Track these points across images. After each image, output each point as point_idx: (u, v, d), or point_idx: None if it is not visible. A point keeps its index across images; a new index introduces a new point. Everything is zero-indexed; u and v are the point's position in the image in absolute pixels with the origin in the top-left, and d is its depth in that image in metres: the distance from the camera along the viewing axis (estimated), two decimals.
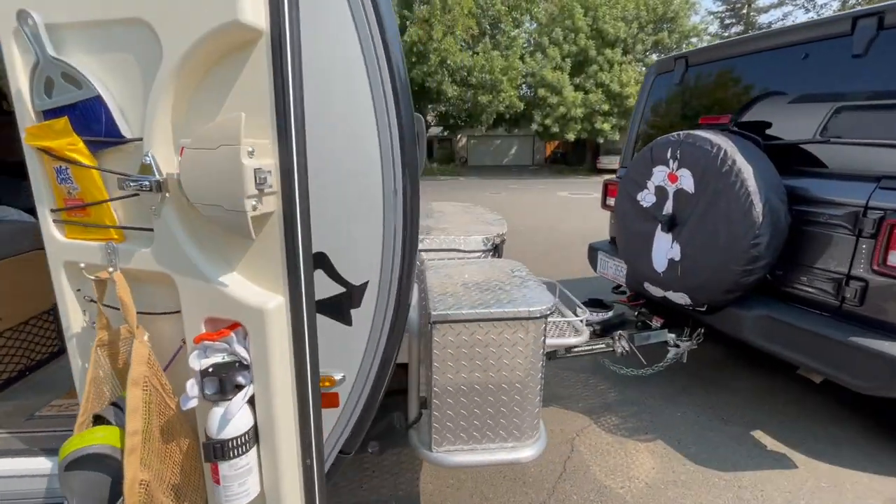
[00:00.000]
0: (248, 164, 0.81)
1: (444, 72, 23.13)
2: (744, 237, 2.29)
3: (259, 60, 0.84)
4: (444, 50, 22.32)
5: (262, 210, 0.87)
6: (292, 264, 0.92)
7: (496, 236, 2.13)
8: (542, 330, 1.51)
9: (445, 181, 22.46)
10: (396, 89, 1.20)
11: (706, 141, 2.45)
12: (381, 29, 1.16)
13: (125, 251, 0.99)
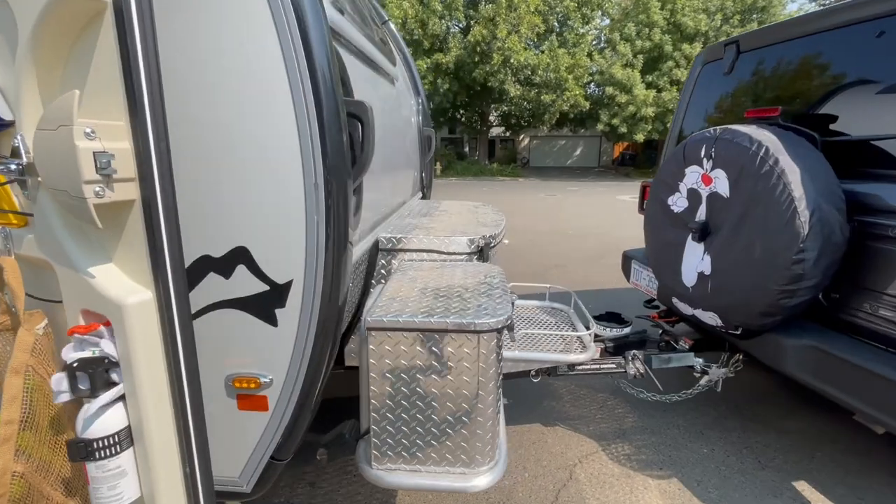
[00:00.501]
0: (83, 145, 0.74)
1: (507, 71, 22.75)
2: (784, 251, 1.92)
3: (106, 35, 0.77)
4: (508, 49, 21.95)
5: (112, 197, 0.80)
6: (156, 257, 0.85)
7: (480, 238, 1.96)
8: (493, 345, 1.33)
9: (502, 182, 22.13)
10: (317, 83, 1.09)
11: (745, 137, 2.10)
12: (299, 21, 1.06)
13: (19, 236, 0.98)
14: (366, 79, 1.77)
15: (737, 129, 2.16)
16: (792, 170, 1.93)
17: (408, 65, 3.38)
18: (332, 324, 1.28)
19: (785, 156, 1.97)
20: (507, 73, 22.83)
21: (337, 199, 1.19)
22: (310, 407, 1.35)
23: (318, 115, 1.11)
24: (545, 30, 23.86)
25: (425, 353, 1.33)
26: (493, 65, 22.18)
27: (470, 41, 22.54)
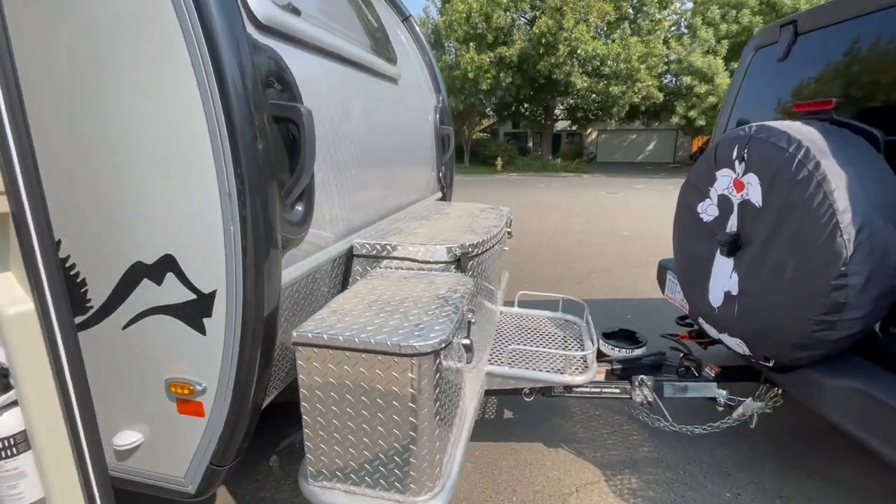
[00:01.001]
0: None
1: (574, 62, 21.80)
2: (821, 274, 1.60)
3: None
4: (575, 39, 21.02)
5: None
6: (32, 267, 0.86)
7: (458, 247, 1.83)
8: (426, 369, 1.22)
9: (563, 178, 21.32)
10: (225, 90, 1.05)
11: (782, 136, 1.77)
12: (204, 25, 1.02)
13: None
14: (338, 79, 1.71)
15: (774, 127, 1.84)
16: (836, 175, 1.59)
17: (429, 64, 3.29)
18: (260, 334, 1.25)
19: (829, 159, 1.63)
20: (574, 64, 21.88)
21: (254, 208, 1.14)
22: (245, 416, 1.33)
23: (227, 122, 1.07)
24: (617, 17, 22.52)
25: (353, 374, 1.25)
26: (558, 56, 21.37)
27: (535, 32, 21.90)
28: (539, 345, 2.40)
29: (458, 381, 1.57)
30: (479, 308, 1.99)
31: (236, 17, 1.07)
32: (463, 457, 1.56)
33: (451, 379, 1.43)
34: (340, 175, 1.73)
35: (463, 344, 1.48)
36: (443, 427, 1.40)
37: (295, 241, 1.43)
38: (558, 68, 21.86)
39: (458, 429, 1.60)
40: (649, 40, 21.91)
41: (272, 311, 1.27)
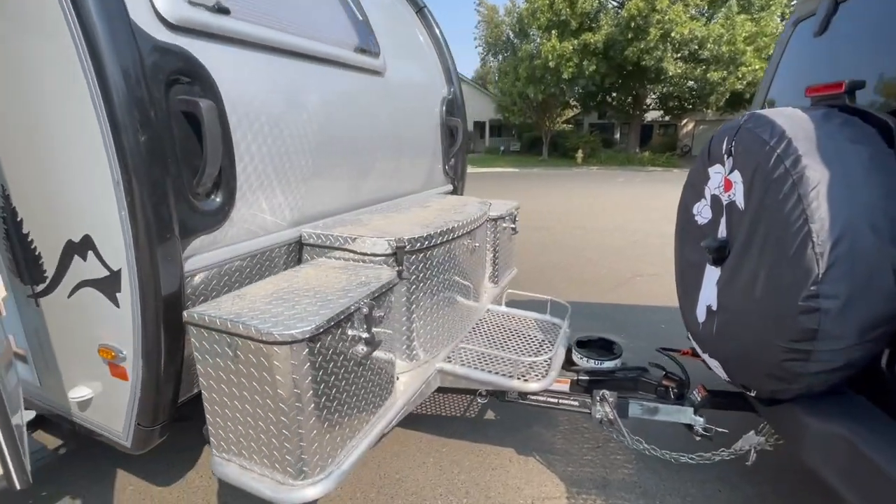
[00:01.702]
0: None
1: (667, 47, 19.98)
2: (789, 293, 1.34)
3: None
4: (669, 21, 19.24)
5: None
6: None
7: (395, 241, 1.80)
8: (292, 358, 1.24)
9: (649, 173, 19.78)
10: (106, 86, 1.15)
11: (767, 126, 1.50)
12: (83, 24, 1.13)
13: None
14: (280, 72, 1.77)
15: (763, 115, 1.56)
16: (817, 175, 1.32)
17: (442, 54, 3.26)
18: (161, 311, 1.36)
19: (814, 154, 1.35)
20: (667, 49, 20.08)
21: (141, 196, 1.24)
22: (159, 383, 1.46)
23: (110, 118, 1.18)
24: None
25: (232, 356, 1.31)
26: (648, 41, 19.74)
27: (624, 16, 20.41)
28: (508, 347, 2.30)
29: (367, 374, 1.57)
30: (419, 302, 1.96)
31: (118, 23, 1.16)
32: (365, 449, 1.56)
33: (344, 370, 1.44)
34: (285, 166, 1.80)
35: (362, 337, 1.47)
36: (334, 417, 1.42)
37: (214, 227, 1.52)
38: (648, 54, 20.20)
39: (366, 421, 1.60)
40: (761, 17, 19.34)
41: (174, 291, 1.38)
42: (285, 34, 1.78)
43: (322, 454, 1.39)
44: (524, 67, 24.07)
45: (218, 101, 1.46)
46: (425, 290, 1.99)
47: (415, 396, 1.92)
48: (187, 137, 1.38)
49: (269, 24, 1.72)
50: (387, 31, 2.65)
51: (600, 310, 4.43)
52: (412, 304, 1.94)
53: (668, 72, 20.65)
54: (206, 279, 1.56)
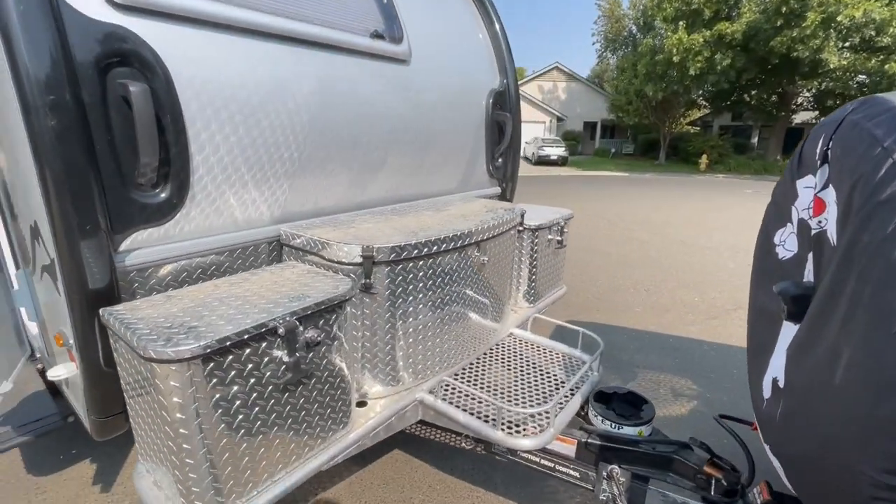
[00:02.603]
0: None
1: (830, 34, 16.65)
2: (889, 390, 0.81)
3: None
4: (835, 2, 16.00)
5: None
6: None
7: (364, 250, 1.54)
8: (176, 378, 1.07)
9: None
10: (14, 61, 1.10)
11: (885, 116, 0.95)
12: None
13: None
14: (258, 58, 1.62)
15: (881, 100, 1.01)
16: None
17: (496, 38, 2.92)
18: (87, 303, 1.30)
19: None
20: (828, 36, 16.78)
21: (56, 185, 1.17)
22: (96, 378, 1.41)
23: (20, 99, 1.11)
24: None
25: (132, 363, 1.19)
26: (804, 28, 16.68)
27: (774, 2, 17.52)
28: (516, 384, 1.92)
29: (300, 401, 1.36)
30: (399, 320, 1.69)
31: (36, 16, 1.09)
32: (292, 484, 1.35)
33: (258, 395, 1.24)
34: (262, 159, 1.67)
35: (284, 361, 1.26)
36: (242, 447, 1.23)
37: (161, 221, 1.43)
38: (802, 43, 17.09)
39: (296, 454, 1.38)
40: None
41: (105, 284, 1.31)
42: (271, 16, 1.64)
43: (225, 487, 1.21)
44: (643, 63, 22.05)
45: (164, 86, 1.35)
46: (407, 307, 1.72)
47: (380, 428, 1.66)
48: (129, 125, 1.30)
49: (251, 5, 1.58)
50: (422, 16, 2.41)
51: (680, 344, 3.69)
52: (388, 323, 1.69)
53: (830, 64, 17.26)
54: (173, 272, 1.49)
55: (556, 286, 2.98)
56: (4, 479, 2.22)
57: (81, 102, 1.19)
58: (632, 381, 3.12)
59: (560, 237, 2.76)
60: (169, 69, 1.37)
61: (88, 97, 1.21)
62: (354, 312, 1.65)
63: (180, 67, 1.40)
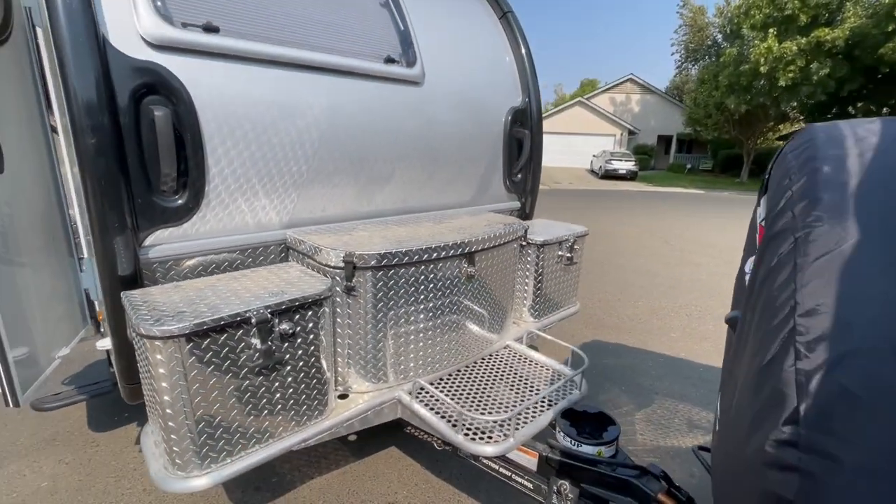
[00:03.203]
0: None
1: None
2: (752, 427, 0.82)
3: None
4: None
5: None
6: None
7: (345, 255, 1.70)
8: (161, 352, 1.30)
9: None
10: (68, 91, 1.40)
11: (802, 145, 0.96)
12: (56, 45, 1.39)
13: None
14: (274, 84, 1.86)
15: (811, 129, 1.00)
16: (833, 236, 0.77)
17: (521, 60, 3.02)
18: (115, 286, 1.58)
19: (847, 200, 0.80)
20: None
21: (93, 189, 1.46)
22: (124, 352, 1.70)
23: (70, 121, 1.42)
24: None
25: (136, 339, 1.44)
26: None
27: (884, 2, 15.70)
28: (496, 393, 1.98)
29: (274, 386, 1.54)
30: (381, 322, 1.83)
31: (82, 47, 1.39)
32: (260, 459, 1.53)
33: (233, 376, 1.44)
34: (272, 171, 1.90)
35: (258, 348, 1.45)
36: (217, 420, 1.43)
37: (179, 221, 1.70)
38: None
39: (268, 433, 1.57)
40: None
41: (130, 272, 1.59)
42: (285, 48, 1.87)
43: (200, 453, 1.42)
44: (725, 74, 20.62)
45: (187, 111, 1.62)
46: (388, 311, 1.86)
47: (355, 420, 1.81)
48: (155, 142, 1.57)
49: (265, 38, 1.83)
50: (440, 40, 2.57)
51: (709, 375, 3.48)
52: (369, 324, 1.84)
53: None
54: (191, 265, 1.76)
55: (567, 303, 2.96)
56: (72, 430, 2.66)
57: (118, 125, 1.48)
58: (646, 408, 3.01)
59: (570, 254, 2.76)
60: (192, 95, 1.64)
61: (123, 120, 1.50)
62: (341, 312, 1.83)
63: (201, 93, 1.67)
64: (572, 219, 3.41)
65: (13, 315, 1.62)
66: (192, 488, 1.42)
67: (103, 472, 2.33)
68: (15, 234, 1.67)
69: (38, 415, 2.73)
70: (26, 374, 1.71)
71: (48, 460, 2.40)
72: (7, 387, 1.60)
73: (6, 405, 1.63)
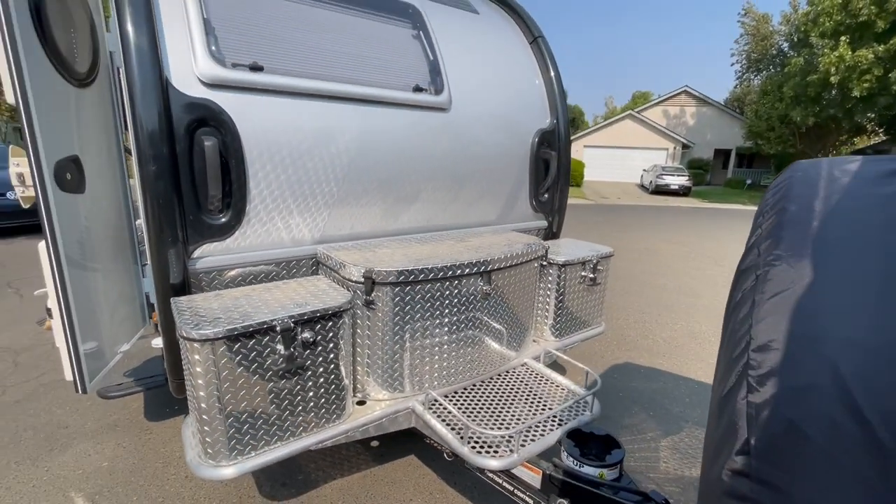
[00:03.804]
0: (12, 170, 1.65)
1: None
2: (710, 455, 0.86)
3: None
4: None
5: (28, 193, 1.68)
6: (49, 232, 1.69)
7: (365, 271, 1.84)
8: (194, 351, 1.48)
9: None
10: (135, 124, 1.64)
11: (779, 184, 1.00)
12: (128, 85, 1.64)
13: None
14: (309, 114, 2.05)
15: (795, 167, 1.03)
16: (791, 274, 0.82)
17: (549, 83, 3.10)
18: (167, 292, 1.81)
19: (807, 238, 0.84)
20: None
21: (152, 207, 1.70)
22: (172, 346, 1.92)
23: (136, 150, 1.66)
24: None
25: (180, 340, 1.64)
26: None
27: None
28: (506, 410, 2.04)
29: (296, 388, 1.70)
30: (398, 334, 1.95)
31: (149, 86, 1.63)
32: (281, 455, 1.69)
33: (259, 377, 1.60)
34: (305, 193, 2.10)
35: (282, 353, 1.61)
36: (244, 417, 1.61)
37: (223, 237, 1.92)
38: None
39: (289, 432, 1.72)
40: None
41: (180, 280, 1.82)
42: (319, 81, 2.07)
43: (229, 445, 1.59)
44: (791, 85, 19.42)
45: (233, 140, 1.84)
46: (405, 325, 1.98)
47: (370, 426, 1.94)
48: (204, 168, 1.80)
49: (303, 74, 2.04)
50: (469, 67, 2.71)
51: None
52: (387, 336, 1.96)
53: None
54: (233, 276, 1.98)
55: (592, 324, 2.96)
56: (130, 418, 2.97)
57: (174, 153, 1.72)
58: (673, 436, 2.92)
59: (593, 274, 2.77)
60: (238, 127, 1.86)
61: (179, 148, 1.74)
62: (361, 324, 1.97)
63: (246, 125, 1.89)
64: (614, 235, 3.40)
65: (86, 313, 1.89)
66: (221, 476, 1.59)
67: (153, 457, 2.59)
68: (91, 244, 1.95)
69: (104, 402, 3.07)
70: (94, 366, 1.97)
71: (109, 443, 2.70)
72: (78, 375, 1.86)
73: (76, 391, 1.89)
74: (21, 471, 2.45)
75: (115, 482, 2.39)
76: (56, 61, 1.72)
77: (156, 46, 1.68)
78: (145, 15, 1.67)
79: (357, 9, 2.39)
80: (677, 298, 5.84)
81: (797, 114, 19.45)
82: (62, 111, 1.77)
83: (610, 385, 3.54)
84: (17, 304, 4.94)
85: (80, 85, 1.89)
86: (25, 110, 1.54)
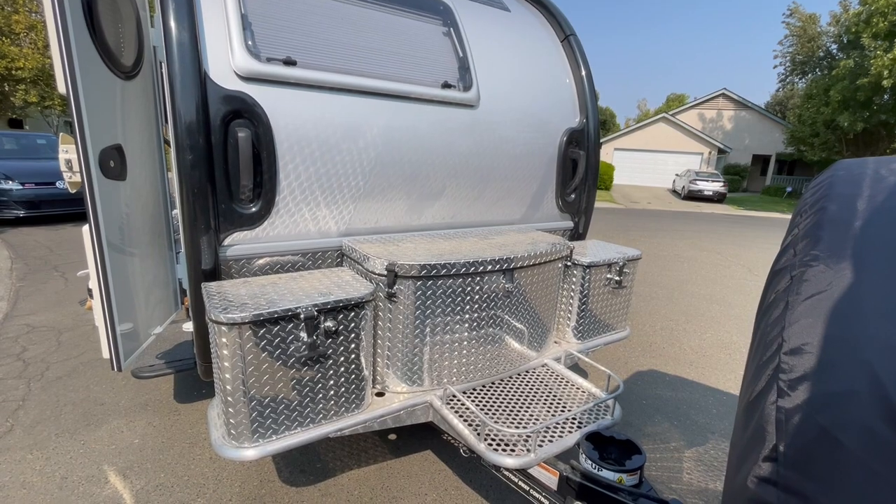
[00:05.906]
0: (62, 156, 1.74)
1: None
2: (737, 461, 0.83)
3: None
4: None
5: (75, 178, 1.78)
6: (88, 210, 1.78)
7: (388, 264, 1.85)
8: (223, 334, 1.53)
9: None
10: (174, 116, 1.71)
11: (821, 182, 0.96)
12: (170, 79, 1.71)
13: None
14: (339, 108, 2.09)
15: (839, 165, 0.99)
16: (827, 275, 0.78)
17: (580, 82, 3.05)
18: (198, 278, 1.88)
19: (848, 240, 0.80)
20: None
21: (188, 195, 1.76)
22: (201, 330, 2.00)
23: (174, 140, 1.73)
24: None
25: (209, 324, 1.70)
26: None
27: None
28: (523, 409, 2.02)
29: (317, 376, 1.73)
30: (419, 328, 1.96)
31: (188, 80, 1.70)
32: (301, 441, 1.72)
33: (282, 363, 1.64)
34: (333, 186, 2.13)
35: (304, 340, 1.65)
36: (267, 401, 1.65)
37: (252, 226, 1.97)
38: None
39: (309, 418, 1.75)
40: None
41: (211, 267, 1.88)
42: (351, 76, 2.11)
43: (251, 428, 1.64)
44: (839, 89, 18.49)
45: (266, 132, 1.89)
46: (425, 318, 1.99)
47: (388, 417, 1.95)
48: (237, 158, 1.86)
49: (335, 69, 2.08)
50: (499, 64, 2.69)
51: None
52: (408, 329, 1.98)
53: None
54: (261, 264, 2.03)
55: (616, 328, 2.90)
56: (161, 399, 3.09)
57: (209, 143, 1.78)
58: (698, 447, 2.83)
59: (619, 277, 2.71)
60: (270, 120, 1.91)
61: (214, 139, 1.80)
62: (382, 316, 1.99)
63: (278, 118, 1.94)
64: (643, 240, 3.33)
65: (123, 296, 1.98)
66: (242, 457, 1.64)
67: (181, 437, 2.69)
68: (130, 231, 2.04)
69: (137, 383, 3.21)
70: (129, 346, 2.06)
71: (140, 421, 2.82)
72: (114, 353, 1.95)
73: (111, 369, 1.98)
74: (60, 443, 2.59)
75: (144, 458, 2.49)
76: (104, 54, 1.81)
77: (196, 41, 1.75)
78: (187, 11, 1.74)
79: (389, 5, 2.42)
80: (707, 306, 5.65)
81: (845, 119, 18.50)
82: (108, 102, 1.86)
83: (633, 391, 3.46)
84: (63, 286, 5.23)
85: (126, 77, 1.98)
86: (75, 100, 1.62)
